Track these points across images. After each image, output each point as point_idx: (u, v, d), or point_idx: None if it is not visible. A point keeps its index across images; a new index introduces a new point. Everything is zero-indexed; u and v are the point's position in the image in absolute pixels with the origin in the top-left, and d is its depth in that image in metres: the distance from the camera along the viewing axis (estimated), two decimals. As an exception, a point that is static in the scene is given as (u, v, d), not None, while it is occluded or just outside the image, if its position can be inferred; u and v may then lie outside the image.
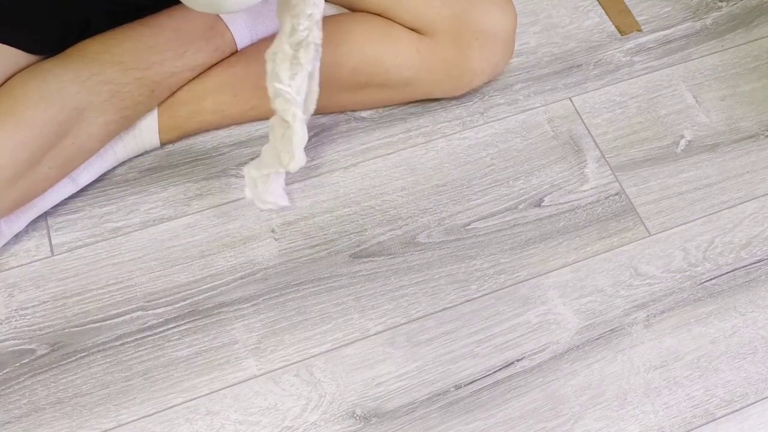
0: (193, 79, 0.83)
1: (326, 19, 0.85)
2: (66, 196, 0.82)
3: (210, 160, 0.87)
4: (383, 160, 0.88)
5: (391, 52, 0.83)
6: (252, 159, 0.85)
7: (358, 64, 0.83)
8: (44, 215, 0.82)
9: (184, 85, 0.83)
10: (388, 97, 0.89)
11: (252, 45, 0.85)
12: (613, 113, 0.93)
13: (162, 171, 0.86)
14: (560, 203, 0.87)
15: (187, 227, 0.83)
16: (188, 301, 0.79)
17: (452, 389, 0.76)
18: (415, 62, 0.84)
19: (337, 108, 0.90)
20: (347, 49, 0.83)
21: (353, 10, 0.87)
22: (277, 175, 0.77)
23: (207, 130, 0.88)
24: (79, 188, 0.82)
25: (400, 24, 0.85)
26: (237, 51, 0.84)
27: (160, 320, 0.78)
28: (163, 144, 0.86)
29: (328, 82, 0.82)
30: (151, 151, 0.87)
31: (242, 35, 0.84)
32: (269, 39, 0.85)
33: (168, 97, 0.83)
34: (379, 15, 0.85)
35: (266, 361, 0.76)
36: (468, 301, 0.80)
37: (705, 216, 0.86)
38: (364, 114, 0.91)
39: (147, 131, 0.84)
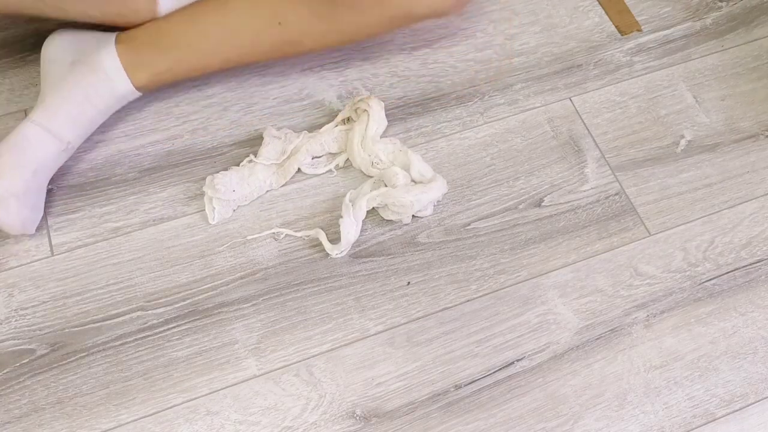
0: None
1: None
2: (56, 157, 0.79)
3: (210, 160, 0.87)
4: (383, 160, 0.88)
5: None
6: (250, 155, 0.85)
7: None
8: (44, 215, 0.82)
9: (140, 25, 0.82)
10: (364, 23, 0.82)
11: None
12: (613, 113, 0.93)
13: (162, 171, 0.86)
14: (560, 203, 0.87)
15: (187, 227, 0.83)
16: (188, 301, 0.79)
17: (452, 389, 0.76)
18: None
19: (313, 42, 0.83)
20: None
21: None
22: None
23: (179, 73, 0.85)
24: (66, 147, 0.80)
25: None
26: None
27: (160, 320, 0.78)
28: (139, 89, 0.83)
29: (301, 4, 0.77)
30: (133, 100, 0.84)
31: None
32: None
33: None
34: None
35: (266, 361, 0.76)
36: (468, 301, 0.80)
37: (705, 216, 0.86)
38: (364, 114, 0.91)
39: (113, 71, 0.81)
